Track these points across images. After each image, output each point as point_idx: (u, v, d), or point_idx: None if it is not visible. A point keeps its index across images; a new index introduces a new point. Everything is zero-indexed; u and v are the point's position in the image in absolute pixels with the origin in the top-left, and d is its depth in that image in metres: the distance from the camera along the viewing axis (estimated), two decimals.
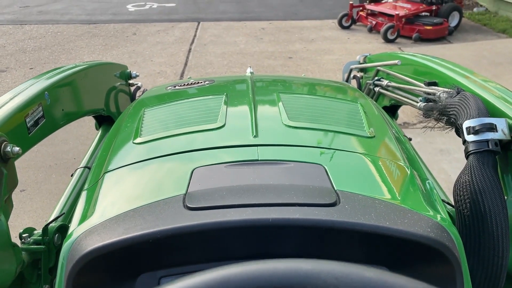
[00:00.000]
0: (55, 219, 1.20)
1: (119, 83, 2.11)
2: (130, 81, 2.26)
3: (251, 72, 1.72)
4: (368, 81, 2.01)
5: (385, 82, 1.82)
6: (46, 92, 1.35)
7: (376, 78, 1.92)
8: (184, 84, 1.54)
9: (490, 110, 1.09)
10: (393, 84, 1.74)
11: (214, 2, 10.43)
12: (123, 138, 1.16)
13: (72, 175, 1.56)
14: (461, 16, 7.57)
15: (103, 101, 1.89)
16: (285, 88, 1.53)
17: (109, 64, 2.11)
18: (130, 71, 2.24)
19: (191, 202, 0.75)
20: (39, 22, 8.46)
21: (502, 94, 1.17)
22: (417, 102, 1.49)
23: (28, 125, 1.23)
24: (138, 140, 1.09)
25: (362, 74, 2.21)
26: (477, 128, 1.01)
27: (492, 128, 1.01)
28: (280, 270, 0.37)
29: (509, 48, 6.61)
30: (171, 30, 7.90)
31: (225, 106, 1.19)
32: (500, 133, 1.00)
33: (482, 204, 0.94)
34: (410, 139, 1.71)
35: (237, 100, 1.28)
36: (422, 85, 1.46)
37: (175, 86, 1.53)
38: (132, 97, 2.24)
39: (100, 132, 1.96)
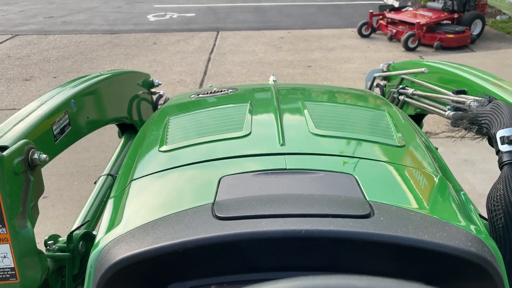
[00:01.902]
0: (80, 227, 1.20)
1: (141, 92, 2.13)
2: (153, 90, 2.28)
3: (274, 80, 1.71)
4: (392, 90, 1.97)
5: (410, 91, 1.78)
6: (72, 100, 1.37)
7: (401, 86, 1.89)
8: (207, 93, 1.53)
9: None
10: (419, 92, 1.71)
11: (233, 11, 10.52)
12: (148, 146, 1.16)
13: (95, 183, 1.57)
14: (483, 24, 7.45)
15: (126, 109, 1.91)
16: (309, 96, 1.51)
17: (132, 73, 2.12)
18: (153, 80, 2.26)
19: (220, 212, 0.73)
20: (63, 32, 8.66)
21: None
22: (445, 111, 1.45)
23: (55, 132, 1.24)
24: (164, 148, 1.08)
25: (385, 82, 2.17)
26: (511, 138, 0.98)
27: None
28: (331, 286, 0.34)
29: None
30: (191, 39, 7.98)
31: (250, 114, 1.17)
32: None
33: None
34: (436, 149, 1.67)
35: (262, 108, 1.27)
36: (450, 93, 1.43)
37: (198, 95, 1.53)
38: (154, 105, 2.26)
39: (123, 140, 1.97)
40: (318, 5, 11.22)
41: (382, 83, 2.19)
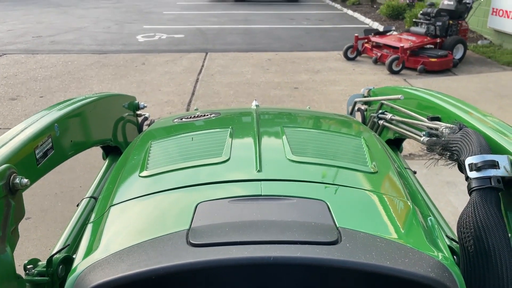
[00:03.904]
0: (60, 251, 1.20)
1: (127, 114, 2.15)
2: (138, 112, 2.31)
3: (256, 105, 1.75)
4: (372, 114, 2.04)
5: (389, 116, 1.84)
6: (56, 124, 1.38)
7: (380, 111, 1.95)
8: (190, 117, 1.56)
9: (492, 147, 1.10)
10: (396, 118, 1.76)
11: (222, 33, 10.67)
12: (129, 171, 1.18)
13: (78, 205, 1.57)
14: (465, 49, 7.67)
15: (111, 132, 1.92)
16: (289, 121, 1.55)
17: (117, 96, 2.15)
18: (138, 102, 2.29)
19: (194, 238, 0.76)
20: (51, 51, 8.68)
21: (504, 130, 1.18)
22: (421, 137, 1.50)
23: (37, 156, 1.25)
24: (144, 173, 1.10)
25: (366, 106, 2.24)
26: (479, 165, 1.02)
27: (494, 165, 1.02)
28: None
29: None
30: (179, 60, 8.06)
31: (230, 139, 1.20)
32: (502, 170, 1.01)
33: (486, 242, 0.93)
34: (415, 172, 1.71)
35: (242, 133, 1.30)
36: (425, 119, 1.49)
37: (181, 119, 1.56)
38: (140, 127, 2.29)
39: (107, 162, 1.98)
40: (305, 28, 11.44)
41: (363, 107, 2.25)
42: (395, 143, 1.98)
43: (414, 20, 8.31)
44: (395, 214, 0.94)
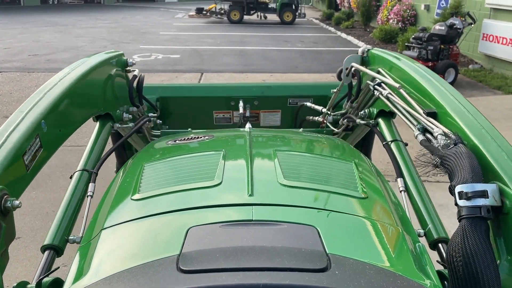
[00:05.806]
0: (48, 274, 1.19)
1: (114, 71, 2.03)
2: (127, 69, 2.21)
3: (249, 128, 1.76)
4: (368, 82, 1.96)
5: (385, 92, 1.76)
6: (42, 120, 1.32)
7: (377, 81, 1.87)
8: (184, 139, 1.57)
9: (483, 166, 1.10)
10: (394, 97, 1.70)
11: (217, 54, 10.79)
12: (121, 193, 1.17)
13: (70, 177, 1.49)
14: (456, 73, 7.81)
15: (101, 102, 1.84)
16: (282, 144, 1.56)
17: (104, 61, 1.95)
18: (127, 59, 2.19)
19: (184, 265, 0.76)
20: (47, 70, 8.71)
21: (499, 144, 1.17)
22: (415, 126, 1.46)
23: (26, 162, 1.21)
24: (136, 196, 1.10)
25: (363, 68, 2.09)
26: (469, 195, 1.03)
27: (483, 194, 1.03)
28: None
29: (504, 104, 6.76)
30: (175, 80, 8.11)
31: (223, 162, 1.21)
32: (491, 199, 1.02)
33: (474, 268, 0.95)
34: (406, 144, 1.66)
35: (235, 157, 1.31)
36: (421, 112, 1.46)
37: (175, 141, 1.56)
38: (130, 85, 2.16)
39: (97, 126, 1.85)
40: (299, 51, 11.61)
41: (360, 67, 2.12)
42: (390, 113, 1.91)
43: (406, 44, 8.47)
44: (385, 240, 0.94)
